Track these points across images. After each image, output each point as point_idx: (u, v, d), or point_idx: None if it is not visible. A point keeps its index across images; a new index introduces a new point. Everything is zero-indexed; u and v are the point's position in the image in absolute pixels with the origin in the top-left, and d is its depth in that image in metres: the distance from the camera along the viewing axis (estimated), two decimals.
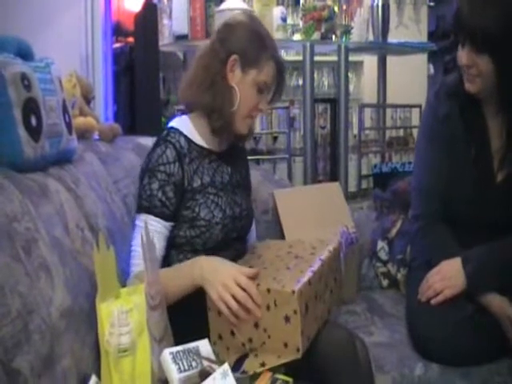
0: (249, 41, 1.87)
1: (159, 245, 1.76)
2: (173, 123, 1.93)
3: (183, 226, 1.83)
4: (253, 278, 1.64)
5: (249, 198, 2.10)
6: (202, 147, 1.91)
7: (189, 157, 1.85)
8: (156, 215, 1.78)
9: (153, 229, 1.74)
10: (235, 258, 1.87)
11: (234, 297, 1.58)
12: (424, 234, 2.16)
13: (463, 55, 1.93)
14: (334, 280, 1.89)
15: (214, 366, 1.42)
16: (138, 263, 1.70)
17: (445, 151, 2.10)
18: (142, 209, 1.80)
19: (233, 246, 1.93)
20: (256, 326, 1.60)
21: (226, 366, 1.36)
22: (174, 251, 1.85)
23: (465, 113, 2.08)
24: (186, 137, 1.88)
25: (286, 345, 1.58)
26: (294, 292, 1.55)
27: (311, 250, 1.87)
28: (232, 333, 1.64)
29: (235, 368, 1.58)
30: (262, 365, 1.58)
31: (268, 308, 1.59)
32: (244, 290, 1.59)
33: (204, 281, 1.62)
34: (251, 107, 1.88)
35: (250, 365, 1.60)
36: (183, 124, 1.91)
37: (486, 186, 2.06)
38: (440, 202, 2.11)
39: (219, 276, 1.62)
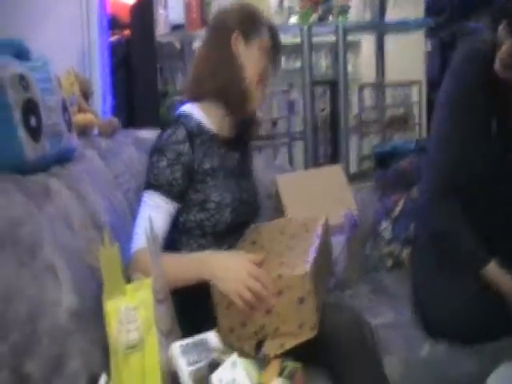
0: (245, 15, 1.94)
1: (162, 223, 1.77)
2: (183, 108, 1.96)
3: (193, 209, 1.84)
4: (260, 263, 1.66)
5: (255, 184, 2.12)
6: (211, 132, 1.92)
7: (200, 138, 1.87)
8: (162, 193, 1.78)
9: (156, 205, 1.77)
10: None
11: (248, 288, 1.59)
12: (435, 209, 2.07)
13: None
14: (328, 252, 1.93)
15: (223, 356, 1.42)
16: (140, 237, 1.69)
17: (465, 123, 2.01)
18: (149, 186, 1.81)
19: (240, 231, 1.93)
20: (268, 312, 1.61)
21: (235, 357, 1.37)
22: (184, 237, 1.87)
23: (491, 84, 1.98)
24: (196, 120, 1.90)
25: (301, 326, 1.59)
26: (306, 274, 1.57)
27: (304, 227, 1.89)
28: (243, 324, 1.64)
29: (256, 352, 1.60)
30: (282, 346, 1.59)
31: (280, 293, 1.60)
32: (257, 279, 1.60)
33: (215, 278, 1.63)
34: (260, 72, 1.92)
35: (270, 348, 1.60)
36: (193, 109, 1.94)
37: (503, 162, 2.01)
38: (453, 174, 2.02)
39: (231, 271, 1.63)
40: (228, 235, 1.87)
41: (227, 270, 1.64)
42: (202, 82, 1.92)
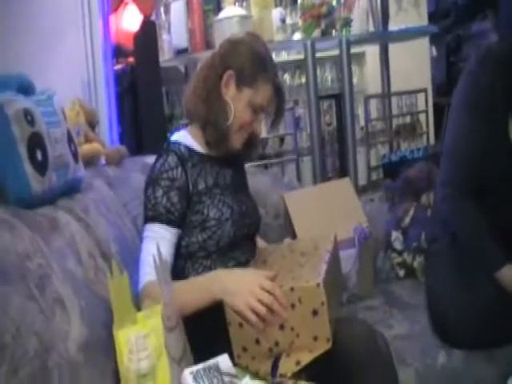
0: (248, 60, 1.88)
1: (167, 251, 1.76)
2: (172, 138, 1.97)
3: (194, 231, 1.83)
4: (273, 279, 1.66)
5: (251, 197, 2.11)
6: (201, 154, 1.94)
7: (191, 161, 1.88)
8: (162, 222, 1.78)
9: (159, 236, 1.76)
10: (248, 258, 1.91)
11: (260, 302, 1.59)
12: (451, 203, 2.08)
13: None
14: (338, 268, 1.92)
15: (235, 380, 1.41)
16: (147, 272, 1.70)
17: (482, 121, 2.02)
18: (148, 219, 1.80)
19: (244, 244, 1.93)
20: (281, 327, 1.61)
21: (247, 380, 1.38)
22: (189, 261, 1.86)
23: (508, 84, 2.00)
24: (185, 146, 1.91)
25: (315, 338, 1.59)
26: (319, 284, 1.56)
27: (313, 244, 1.88)
28: (257, 341, 1.63)
29: (272, 374, 1.60)
30: (298, 363, 1.59)
31: (293, 307, 1.59)
32: (269, 293, 1.60)
33: (226, 294, 1.63)
34: (243, 124, 1.89)
35: (286, 367, 1.60)
36: (181, 137, 1.95)
37: None
38: (472, 172, 2.03)
39: (243, 285, 1.63)
40: (232, 250, 1.87)
41: (239, 284, 1.64)
42: (193, 103, 1.92)
